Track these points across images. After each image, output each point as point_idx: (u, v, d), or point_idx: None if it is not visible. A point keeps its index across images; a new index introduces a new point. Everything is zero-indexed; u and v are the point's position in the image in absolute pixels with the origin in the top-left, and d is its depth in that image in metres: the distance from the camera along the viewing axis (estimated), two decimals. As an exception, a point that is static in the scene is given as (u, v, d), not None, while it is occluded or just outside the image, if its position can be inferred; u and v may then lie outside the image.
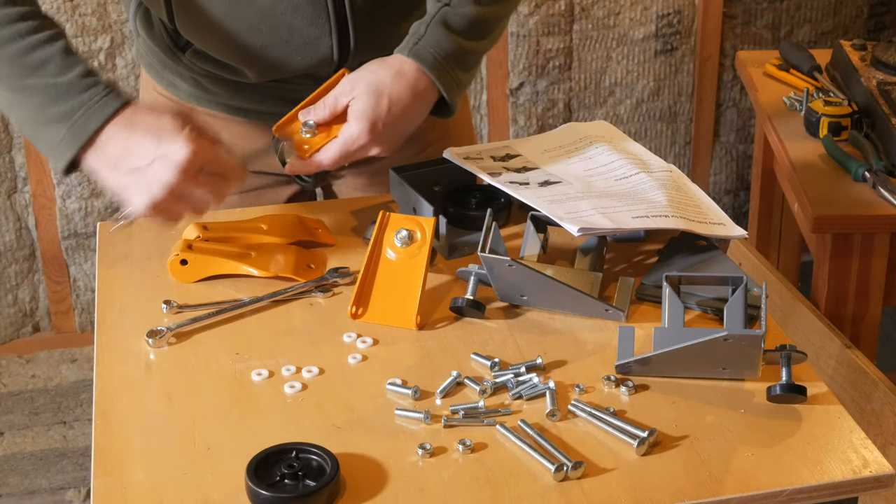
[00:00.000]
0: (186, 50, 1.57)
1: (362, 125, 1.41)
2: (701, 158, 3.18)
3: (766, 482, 1.10)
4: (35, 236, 2.90)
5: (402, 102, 1.42)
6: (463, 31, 1.47)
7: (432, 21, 1.46)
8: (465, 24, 1.47)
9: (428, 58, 1.44)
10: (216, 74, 1.59)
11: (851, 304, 1.99)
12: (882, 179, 1.95)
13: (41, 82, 1.33)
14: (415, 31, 1.46)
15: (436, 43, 1.45)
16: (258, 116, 1.63)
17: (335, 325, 1.35)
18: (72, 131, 1.32)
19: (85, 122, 1.32)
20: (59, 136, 1.33)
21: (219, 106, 1.63)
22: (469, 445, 1.14)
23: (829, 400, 1.21)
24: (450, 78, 1.45)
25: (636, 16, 2.99)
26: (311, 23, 1.50)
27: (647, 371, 1.24)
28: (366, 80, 1.42)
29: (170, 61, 1.61)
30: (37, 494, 2.56)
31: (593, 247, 1.42)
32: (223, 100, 1.62)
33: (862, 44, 2.32)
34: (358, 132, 1.41)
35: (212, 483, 1.11)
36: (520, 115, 3.03)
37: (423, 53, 1.44)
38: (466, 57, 1.47)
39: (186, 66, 1.60)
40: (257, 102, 1.62)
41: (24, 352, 2.97)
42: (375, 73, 1.43)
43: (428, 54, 1.44)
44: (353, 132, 1.42)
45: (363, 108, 1.41)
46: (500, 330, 1.33)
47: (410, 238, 1.37)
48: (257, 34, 1.49)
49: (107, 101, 1.33)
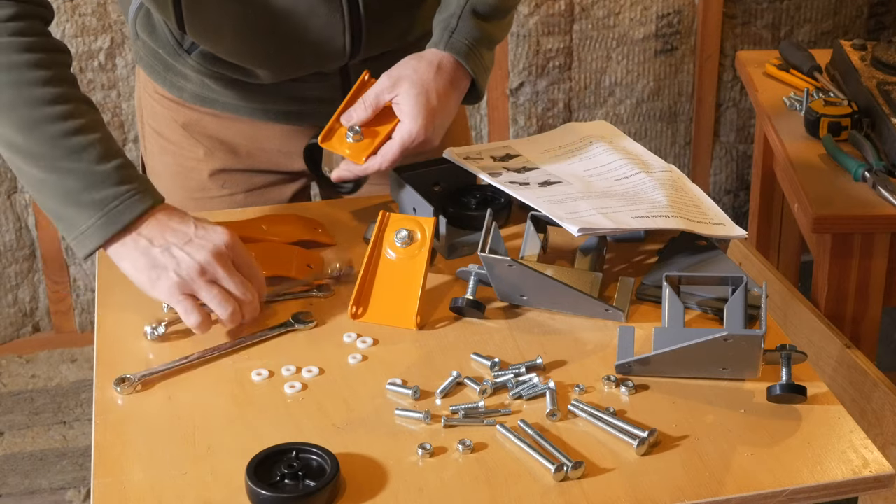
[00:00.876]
0: (192, 51, 1.57)
1: (418, 122, 1.43)
2: (701, 158, 3.18)
3: (766, 482, 1.10)
4: (35, 236, 2.90)
5: (446, 95, 1.46)
6: (488, 15, 1.51)
7: (463, 12, 1.49)
8: (491, 9, 1.51)
9: (463, 49, 1.48)
10: (224, 75, 1.58)
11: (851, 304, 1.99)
12: (882, 179, 1.95)
13: (79, 167, 1.31)
14: (446, 24, 1.49)
15: (468, 33, 1.48)
16: (265, 115, 1.63)
17: (335, 325, 1.35)
18: (105, 219, 1.31)
19: (121, 212, 1.31)
20: (90, 222, 1.31)
21: (225, 106, 1.63)
22: (469, 445, 1.14)
23: (829, 400, 1.21)
24: (480, 64, 1.50)
25: (636, 16, 2.99)
26: (326, 23, 1.50)
27: (647, 371, 1.24)
28: (409, 79, 1.44)
29: (174, 63, 1.61)
30: (37, 494, 2.56)
31: (593, 247, 1.42)
32: (230, 100, 1.62)
33: (862, 44, 2.31)
34: (417, 130, 1.43)
35: (212, 483, 1.11)
36: (520, 115, 3.03)
37: (458, 46, 1.48)
38: (489, 42, 1.52)
39: (192, 67, 1.59)
40: (265, 101, 1.62)
41: (24, 352, 2.97)
42: (417, 71, 1.45)
43: (463, 45, 1.48)
44: (410, 130, 1.43)
45: (416, 107, 1.43)
46: (500, 330, 1.33)
47: (410, 238, 1.37)
48: (272, 37, 1.49)
49: (144, 196, 1.32)
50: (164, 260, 1.30)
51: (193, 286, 1.29)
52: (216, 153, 1.66)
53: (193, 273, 1.29)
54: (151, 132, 1.70)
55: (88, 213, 1.31)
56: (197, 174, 1.67)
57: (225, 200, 1.67)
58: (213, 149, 1.66)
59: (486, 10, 1.51)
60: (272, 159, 1.66)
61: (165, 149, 1.69)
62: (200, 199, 1.67)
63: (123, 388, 1.24)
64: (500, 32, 1.55)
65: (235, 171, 1.67)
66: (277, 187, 1.69)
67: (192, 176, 1.67)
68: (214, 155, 1.66)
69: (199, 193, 1.67)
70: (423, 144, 1.45)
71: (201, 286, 1.30)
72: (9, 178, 2.82)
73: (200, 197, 1.67)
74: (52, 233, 2.89)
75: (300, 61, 1.54)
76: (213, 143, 1.65)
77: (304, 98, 1.61)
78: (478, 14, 1.50)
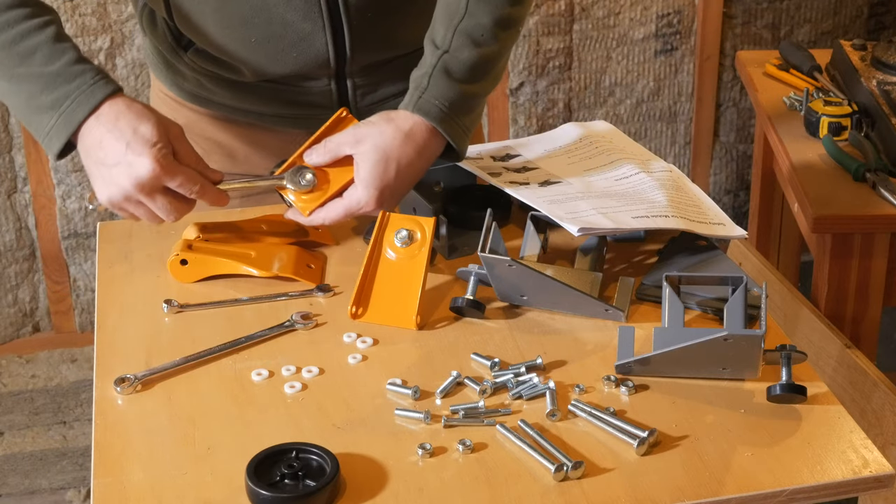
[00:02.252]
0: (188, 49, 1.57)
1: (370, 192, 1.38)
2: (701, 158, 3.18)
3: (766, 482, 1.10)
4: (35, 236, 2.90)
5: (410, 165, 1.39)
6: (465, 76, 1.43)
7: (434, 71, 1.41)
8: (467, 69, 1.43)
9: (433, 111, 1.40)
10: (216, 74, 1.59)
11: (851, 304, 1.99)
12: (882, 179, 1.95)
13: (31, 71, 1.35)
14: (417, 83, 1.42)
15: (440, 94, 1.40)
16: (258, 118, 1.63)
17: (335, 325, 1.35)
18: (61, 121, 1.34)
19: (72, 112, 1.34)
20: (50, 124, 1.35)
21: (220, 107, 1.63)
22: (469, 445, 1.14)
23: (829, 400, 1.21)
24: (457, 127, 1.42)
25: (636, 16, 2.99)
26: (304, 17, 1.49)
27: (647, 371, 1.24)
28: (373, 142, 1.38)
29: (173, 61, 1.62)
30: (37, 494, 2.56)
31: (593, 247, 1.42)
32: (224, 100, 1.62)
33: (862, 44, 2.32)
34: (365, 199, 1.39)
35: (212, 483, 1.11)
36: (520, 115, 3.03)
37: (428, 108, 1.40)
38: (470, 101, 1.44)
39: (188, 65, 1.60)
40: (257, 104, 1.62)
41: (24, 352, 2.97)
42: (383, 135, 1.39)
43: (433, 107, 1.40)
44: (360, 199, 1.39)
45: (371, 175, 1.38)
46: (500, 330, 1.33)
47: (410, 238, 1.37)
48: (250, 28, 1.49)
49: (94, 91, 1.34)
50: (97, 174, 1.35)
51: (122, 204, 1.35)
52: (213, 156, 1.66)
53: (119, 196, 1.34)
54: None
55: (48, 115, 1.35)
56: None
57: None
58: (211, 151, 1.66)
59: (462, 71, 1.41)
60: (269, 165, 1.66)
61: None
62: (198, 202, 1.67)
63: (123, 388, 1.24)
64: (482, 88, 1.45)
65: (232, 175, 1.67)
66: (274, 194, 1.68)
67: None
68: (211, 158, 1.66)
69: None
70: (370, 213, 1.41)
71: (129, 205, 1.35)
72: (9, 178, 2.82)
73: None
74: (52, 233, 2.89)
75: (282, 58, 1.53)
76: (210, 145, 1.66)
77: (297, 103, 1.60)
78: (452, 75, 1.41)
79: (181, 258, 1.42)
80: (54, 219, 2.88)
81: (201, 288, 1.42)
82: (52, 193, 2.85)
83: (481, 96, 1.46)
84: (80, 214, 2.88)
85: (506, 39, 1.46)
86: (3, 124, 2.78)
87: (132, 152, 1.32)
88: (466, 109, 1.43)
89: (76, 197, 2.86)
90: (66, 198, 2.86)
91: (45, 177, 2.83)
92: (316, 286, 1.41)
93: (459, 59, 1.42)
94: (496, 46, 1.45)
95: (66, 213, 2.87)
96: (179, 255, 1.42)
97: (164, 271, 1.44)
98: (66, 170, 2.83)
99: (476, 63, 1.43)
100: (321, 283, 1.42)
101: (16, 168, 2.82)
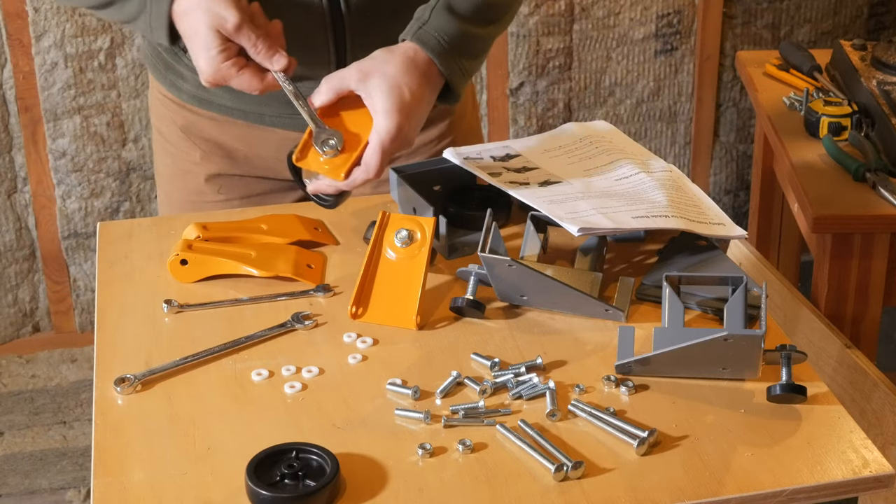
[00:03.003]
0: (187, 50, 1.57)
1: (395, 119, 1.34)
2: (701, 158, 3.18)
3: (766, 482, 1.10)
4: (35, 236, 2.90)
5: (420, 92, 1.38)
6: (468, 15, 1.43)
7: (437, 5, 1.42)
8: (471, 7, 1.43)
9: (432, 42, 1.40)
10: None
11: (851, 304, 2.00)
12: (882, 179, 1.95)
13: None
14: (419, 15, 1.43)
15: (440, 27, 1.40)
16: (259, 119, 1.63)
17: (335, 326, 1.35)
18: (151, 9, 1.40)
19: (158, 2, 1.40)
20: (145, 16, 1.41)
21: (219, 108, 1.63)
22: (469, 445, 1.14)
23: (829, 400, 1.21)
24: (454, 64, 1.42)
25: (636, 16, 2.99)
26: (305, 18, 1.49)
27: (647, 371, 1.24)
28: (379, 72, 1.37)
29: (172, 62, 1.62)
30: (37, 494, 2.56)
31: (593, 247, 1.42)
32: (223, 101, 1.62)
33: (862, 44, 2.32)
34: (394, 127, 1.34)
35: (212, 483, 1.11)
36: (520, 115, 3.03)
37: (426, 38, 1.40)
38: (472, 42, 1.43)
39: (187, 66, 1.60)
40: (257, 105, 1.62)
41: (24, 352, 2.97)
42: (388, 63, 1.37)
43: (432, 38, 1.40)
44: (388, 128, 1.35)
45: (389, 102, 1.35)
46: (500, 330, 1.33)
47: (410, 238, 1.36)
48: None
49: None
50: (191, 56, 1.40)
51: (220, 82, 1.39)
52: (213, 157, 1.66)
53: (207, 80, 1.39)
54: (156, 133, 1.72)
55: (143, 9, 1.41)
56: (193, 177, 1.67)
57: (221, 206, 1.67)
58: (210, 152, 1.66)
59: (465, 8, 1.42)
60: (269, 166, 1.66)
61: (166, 150, 1.69)
62: (197, 203, 1.67)
63: (123, 388, 1.24)
64: (487, 32, 1.45)
65: (232, 176, 1.67)
66: (275, 195, 1.68)
67: (189, 179, 1.67)
68: (211, 159, 1.66)
69: (195, 197, 1.67)
70: (402, 143, 1.38)
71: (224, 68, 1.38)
72: (9, 178, 2.82)
73: (197, 200, 1.67)
74: (52, 233, 2.89)
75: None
76: (209, 146, 1.66)
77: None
78: (454, 11, 1.41)
79: (181, 258, 1.42)
80: (54, 219, 2.88)
81: (201, 288, 1.42)
82: (52, 193, 2.85)
83: (485, 40, 1.44)
84: (80, 214, 2.88)
85: None
86: (3, 124, 2.78)
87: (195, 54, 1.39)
88: (467, 50, 1.42)
89: (76, 197, 2.86)
90: (66, 198, 2.86)
91: (45, 177, 2.83)
92: (316, 286, 1.41)
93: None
94: None
95: (66, 213, 2.87)
96: (179, 255, 1.42)
97: (164, 271, 1.44)
98: (66, 170, 2.83)
99: (481, 4, 1.43)
100: (321, 283, 1.42)
101: (16, 168, 2.82)
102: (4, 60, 2.74)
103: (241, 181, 1.67)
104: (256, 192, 1.67)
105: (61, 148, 2.81)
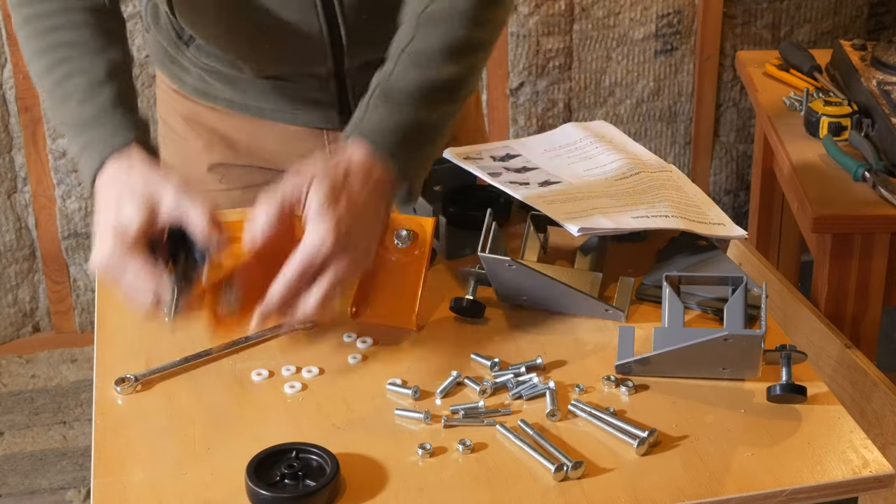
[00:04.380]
0: (190, 44, 1.58)
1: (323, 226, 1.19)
2: (701, 158, 3.18)
3: (766, 482, 1.10)
4: (35, 236, 2.90)
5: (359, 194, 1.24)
6: (408, 102, 1.29)
7: (372, 97, 1.29)
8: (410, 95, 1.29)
9: (372, 136, 1.27)
10: (217, 69, 1.59)
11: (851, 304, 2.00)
12: (882, 179, 1.95)
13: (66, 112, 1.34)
14: (359, 107, 1.31)
15: (378, 120, 1.28)
16: (259, 113, 1.64)
17: (335, 326, 1.35)
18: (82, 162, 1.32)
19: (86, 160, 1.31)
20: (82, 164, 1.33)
21: (222, 101, 1.64)
22: (469, 445, 1.14)
23: (829, 400, 1.21)
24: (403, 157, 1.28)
25: (636, 16, 2.99)
26: (300, 15, 1.49)
27: (647, 371, 1.24)
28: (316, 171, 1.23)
29: (176, 56, 1.63)
30: (37, 494, 2.56)
31: (593, 247, 1.42)
32: (225, 95, 1.63)
33: (862, 44, 2.32)
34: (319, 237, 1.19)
35: (212, 483, 1.11)
36: (520, 115, 3.03)
37: (366, 133, 1.27)
38: (418, 131, 1.30)
39: (190, 60, 1.61)
40: (258, 99, 1.62)
41: (24, 352, 2.97)
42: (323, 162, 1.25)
43: (372, 133, 1.27)
44: (312, 240, 1.19)
45: (318, 206, 1.20)
46: (500, 330, 1.33)
47: (410, 238, 1.36)
48: (248, 24, 1.49)
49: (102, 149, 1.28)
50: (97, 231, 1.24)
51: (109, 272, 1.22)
52: (215, 146, 1.67)
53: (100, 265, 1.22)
54: (162, 122, 1.74)
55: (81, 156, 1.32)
56: (196, 166, 1.68)
57: (222, 195, 1.67)
58: (212, 142, 1.66)
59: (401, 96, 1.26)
60: (271, 157, 1.66)
61: (171, 139, 1.71)
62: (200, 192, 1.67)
63: (123, 388, 1.24)
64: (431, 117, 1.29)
65: (234, 166, 1.68)
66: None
67: (192, 168, 1.68)
68: (213, 148, 1.67)
69: (198, 185, 1.68)
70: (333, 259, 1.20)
71: None
72: (9, 178, 2.82)
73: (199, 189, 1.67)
74: (52, 233, 2.89)
75: (280, 53, 1.53)
76: (212, 136, 1.66)
77: (297, 99, 1.61)
78: (391, 99, 1.27)
79: (181, 258, 1.42)
80: (54, 219, 2.88)
81: (201, 288, 1.42)
82: (52, 193, 2.85)
83: (435, 127, 1.32)
84: (80, 214, 2.88)
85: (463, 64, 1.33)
86: (3, 124, 2.78)
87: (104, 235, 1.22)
88: (414, 140, 1.29)
89: (76, 197, 2.86)
90: (66, 198, 2.86)
91: (45, 177, 2.83)
92: (316, 286, 1.41)
93: (401, 85, 1.29)
94: (448, 71, 1.32)
95: (66, 213, 2.87)
96: (179, 255, 1.42)
97: (164, 271, 1.44)
98: (66, 170, 2.83)
99: (423, 86, 1.30)
100: (321, 283, 1.42)
101: (16, 168, 2.82)
102: (4, 60, 2.74)
103: (242, 171, 1.68)
104: (258, 181, 1.68)
105: (61, 148, 2.81)
